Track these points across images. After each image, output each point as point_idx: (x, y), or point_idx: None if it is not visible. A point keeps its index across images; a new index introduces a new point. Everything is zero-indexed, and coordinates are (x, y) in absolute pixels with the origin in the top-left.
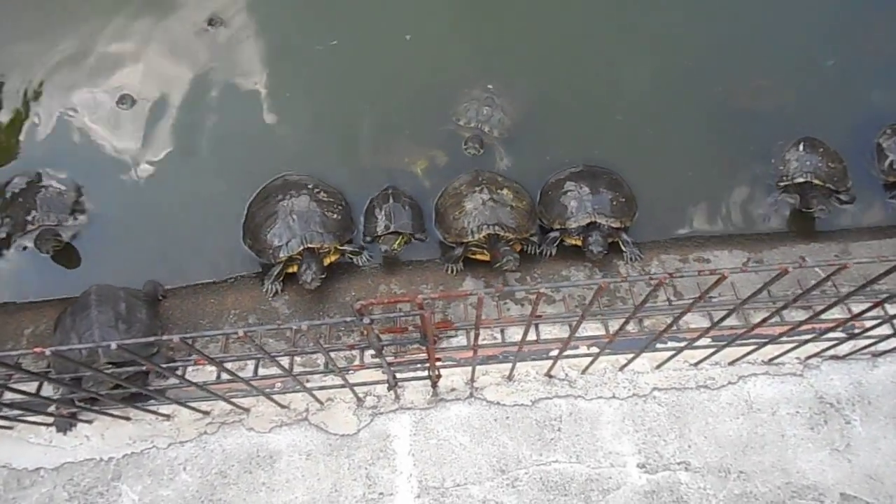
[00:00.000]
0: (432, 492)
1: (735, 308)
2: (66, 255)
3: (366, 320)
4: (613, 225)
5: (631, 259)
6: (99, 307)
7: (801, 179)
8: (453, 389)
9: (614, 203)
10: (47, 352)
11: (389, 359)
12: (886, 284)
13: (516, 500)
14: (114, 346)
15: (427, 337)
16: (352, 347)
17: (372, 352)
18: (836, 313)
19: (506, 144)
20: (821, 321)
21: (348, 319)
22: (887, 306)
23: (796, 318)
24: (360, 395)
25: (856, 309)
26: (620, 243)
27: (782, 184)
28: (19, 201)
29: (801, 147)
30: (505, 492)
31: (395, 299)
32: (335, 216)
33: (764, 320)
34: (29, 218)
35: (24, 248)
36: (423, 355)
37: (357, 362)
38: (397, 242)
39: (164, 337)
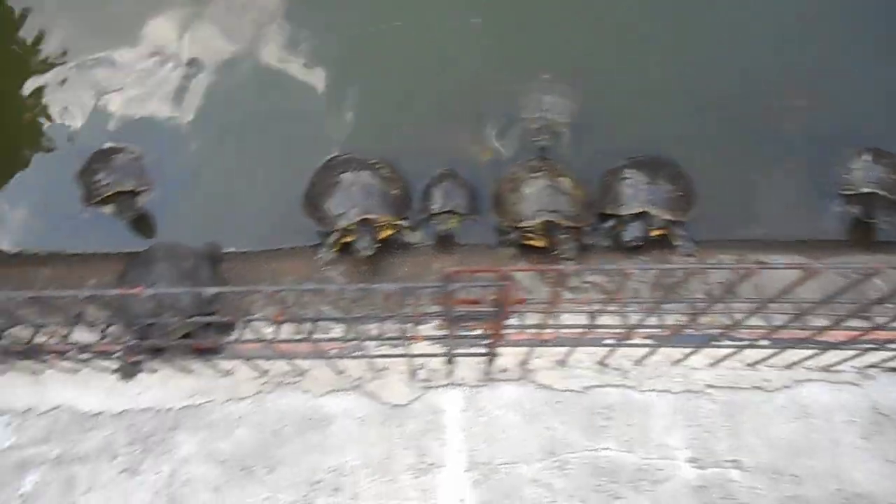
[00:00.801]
0: (481, 467)
1: (809, 310)
2: (138, 219)
3: (451, 287)
4: (665, 216)
5: (685, 254)
6: (165, 263)
7: (866, 190)
8: (505, 370)
9: (670, 196)
10: (148, 292)
11: (458, 332)
12: None
13: (565, 483)
14: (209, 291)
15: (502, 311)
16: (423, 315)
17: (426, 325)
18: None
19: (574, 130)
20: (881, 329)
21: (433, 285)
22: None
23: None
24: (414, 368)
25: None
26: (672, 237)
27: (846, 193)
28: (94, 168)
29: (866, 156)
30: (554, 474)
31: (481, 269)
32: (395, 192)
33: (829, 327)
34: (105, 183)
35: (101, 215)
36: (488, 331)
37: (416, 334)
38: (452, 222)
39: (260, 287)
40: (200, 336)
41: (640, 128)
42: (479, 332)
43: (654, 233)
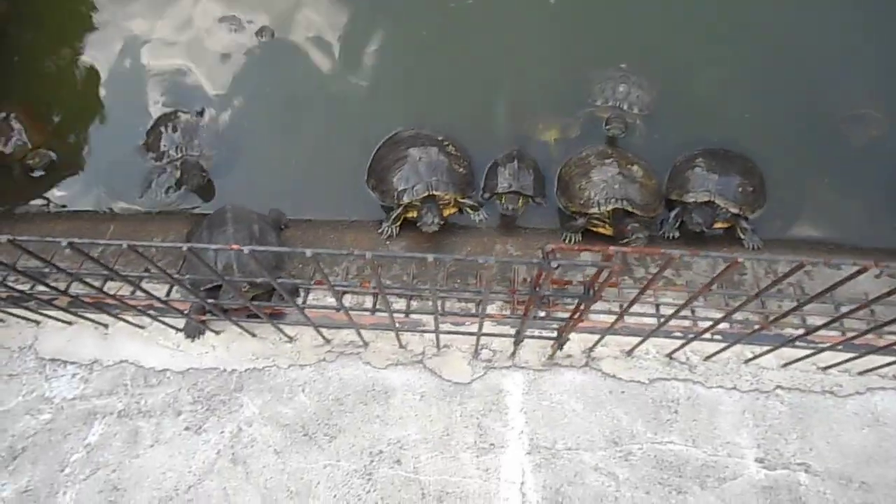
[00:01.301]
0: (543, 451)
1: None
2: (202, 184)
3: (553, 264)
4: (732, 209)
5: (752, 247)
6: (235, 225)
7: None
8: (569, 356)
9: (740, 189)
10: (246, 249)
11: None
12: None
13: (629, 473)
14: (309, 253)
15: (594, 293)
16: (514, 292)
17: (491, 304)
18: None
19: (647, 122)
20: None
21: (534, 261)
22: None
23: None
24: (478, 347)
25: None
26: (739, 230)
27: None
28: (160, 131)
29: None
30: (618, 463)
31: (586, 247)
32: (461, 170)
33: None
34: (172, 149)
35: (168, 186)
36: (571, 315)
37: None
38: (519, 203)
39: (357, 251)
40: (266, 300)
41: (715, 122)
42: (558, 315)
43: (719, 225)
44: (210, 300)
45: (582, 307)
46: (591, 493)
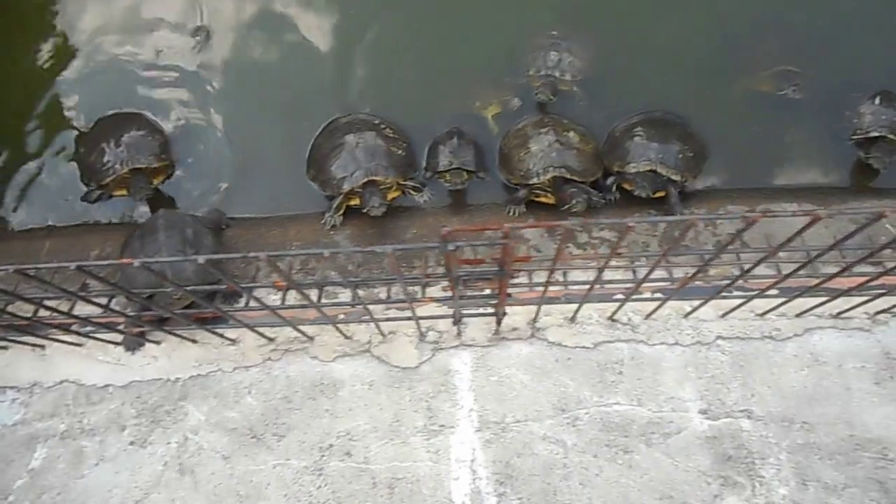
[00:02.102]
0: (492, 426)
1: (819, 255)
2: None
3: (450, 247)
4: (673, 177)
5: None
6: (167, 232)
7: (875, 133)
8: (515, 329)
9: (680, 155)
10: (136, 263)
11: (441, 293)
12: None
13: (577, 439)
14: (201, 260)
15: (505, 269)
16: (427, 276)
17: (434, 287)
18: None
19: (579, 88)
20: (891, 275)
21: (432, 245)
22: None
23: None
24: (423, 330)
25: None
26: (668, 196)
27: (855, 137)
28: (103, 148)
29: (876, 100)
30: (565, 430)
31: (481, 227)
32: (400, 152)
33: (838, 273)
34: (117, 164)
35: (106, 196)
36: (493, 290)
37: (419, 296)
38: (461, 178)
39: (251, 254)
40: (206, 305)
41: (650, 85)
42: (485, 292)
43: (659, 194)
44: (142, 311)
45: (500, 284)
46: (541, 462)
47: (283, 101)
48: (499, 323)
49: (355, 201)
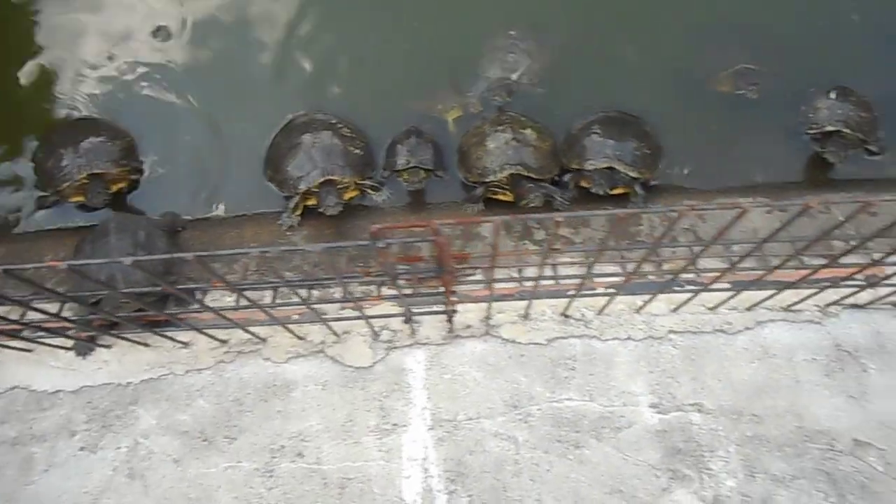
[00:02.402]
0: (445, 424)
1: (754, 248)
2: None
3: (380, 244)
4: (631, 174)
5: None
6: (118, 235)
7: (831, 128)
8: (469, 326)
9: (637, 152)
10: (62, 265)
11: (405, 290)
12: None
13: (528, 435)
14: (127, 261)
15: (443, 266)
16: (368, 275)
17: (389, 285)
18: (859, 261)
19: (534, 91)
20: (840, 267)
21: (362, 243)
22: None
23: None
24: (376, 329)
25: (878, 257)
26: (631, 193)
27: (811, 132)
28: (60, 153)
29: (832, 95)
30: (517, 426)
31: (411, 224)
32: (357, 152)
33: (782, 263)
34: (75, 171)
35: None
36: (441, 288)
37: (374, 295)
38: (419, 177)
39: (178, 254)
40: (158, 308)
41: (608, 85)
42: (432, 290)
43: (617, 191)
44: (92, 316)
45: (444, 281)
46: (492, 459)
47: (241, 101)
48: (449, 321)
49: (312, 201)
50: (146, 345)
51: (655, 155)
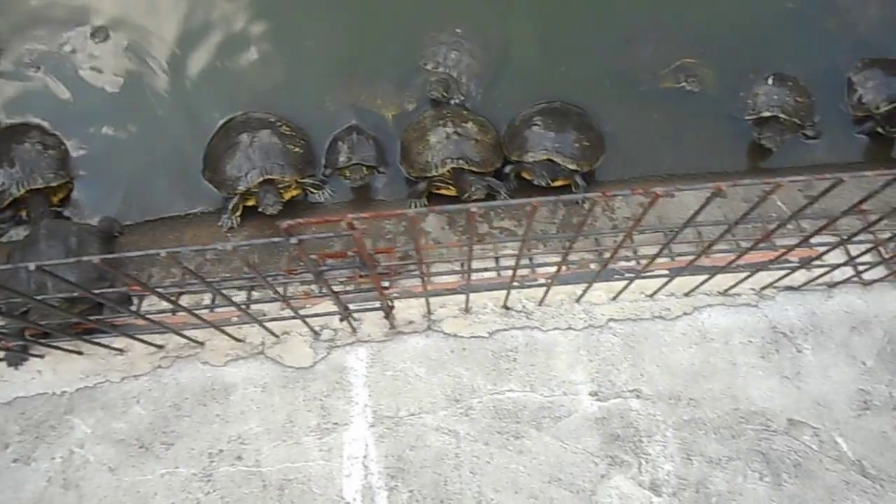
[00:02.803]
0: (386, 421)
1: (676, 234)
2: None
3: (293, 240)
4: (570, 166)
5: (581, 202)
6: (48, 242)
7: (767, 113)
8: (411, 322)
9: (576, 145)
10: None
11: (337, 288)
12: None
13: (469, 428)
14: (32, 266)
15: (365, 262)
16: (291, 273)
17: (334, 284)
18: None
19: (473, 89)
20: (774, 249)
21: (276, 240)
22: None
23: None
24: (317, 329)
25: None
26: (572, 184)
27: (749, 118)
28: None
29: (769, 81)
30: (458, 420)
31: (324, 219)
32: (297, 150)
33: (708, 247)
34: (13, 187)
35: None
36: (367, 284)
37: (304, 293)
38: (361, 174)
39: (85, 258)
40: (97, 313)
41: (552, 83)
42: (363, 286)
43: (558, 182)
44: (22, 325)
45: (372, 277)
46: (433, 453)
47: (178, 102)
48: (387, 317)
49: (252, 201)
50: (80, 353)
51: (596, 146)
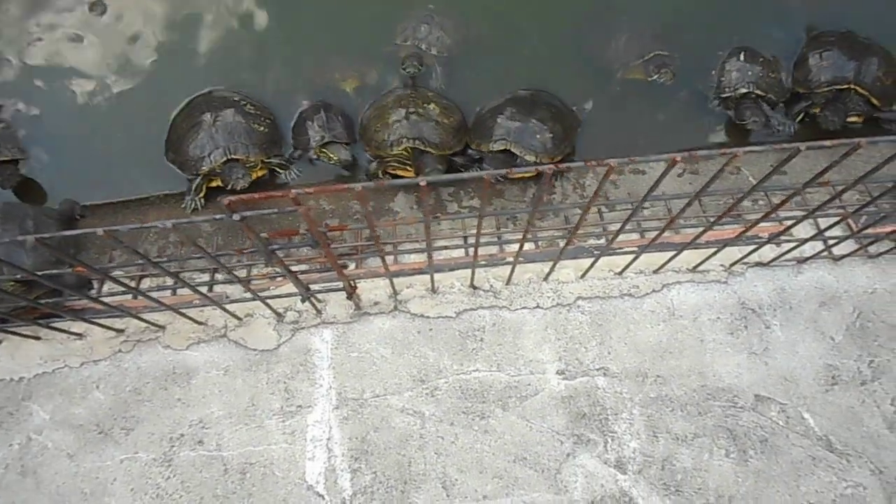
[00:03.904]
0: (351, 403)
1: (638, 205)
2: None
3: (236, 217)
4: (528, 157)
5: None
6: (4, 225)
7: (743, 90)
8: (377, 303)
9: (538, 136)
10: None
11: (300, 268)
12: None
13: (435, 409)
14: None
15: (316, 239)
16: (240, 253)
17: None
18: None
19: (445, 65)
20: (743, 224)
21: (217, 217)
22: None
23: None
24: (280, 311)
25: (782, 214)
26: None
27: (724, 96)
28: None
29: (741, 57)
30: (424, 401)
31: (267, 195)
32: (262, 129)
33: (670, 222)
34: None
35: None
36: (323, 264)
37: (262, 274)
38: (341, 152)
39: (16, 238)
40: (54, 298)
41: (522, 65)
42: (350, 266)
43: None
44: None
45: (328, 256)
46: (397, 435)
47: (142, 80)
48: (349, 297)
49: (216, 182)
50: (38, 338)
51: (561, 139)
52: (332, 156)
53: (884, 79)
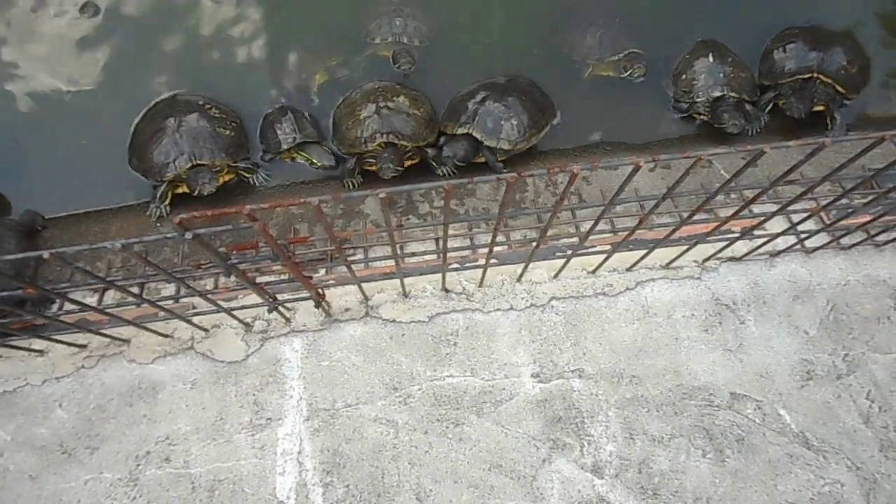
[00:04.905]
0: (322, 414)
1: (607, 207)
2: None
3: (188, 235)
4: (489, 144)
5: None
6: None
7: (717, 93)
8: (347, 309)
9: (503, 122)
10: None
11: (268, 278)
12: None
13: (408, 416)
14: None
15: (276, 252)
16: (198, 267)
17: (264, 277)
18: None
19: (427, 54)
20: (716, 220)
21: (170, 236)
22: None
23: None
24: (248, 321)
25: (755, 209)
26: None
27: (699, 99)
28: None
29: (709, 57)
30: (397, 409)
31: (220, 211)
32: (228, 133)
33: (644, 219)
34: None
35: None
36: (289, 275)
37: (224, 287)
38: (318, 152)
39: None
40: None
41: (496, 52)
42: (320, 272)
43: (480, 159)
44: None
45: (291, 267)
46: (370, 446)
47: (103, 84)
48: (317, 306)
49: (182, 188)
50: None
51: (528, 127)
52: (315, 161)
53: (849, 67)
